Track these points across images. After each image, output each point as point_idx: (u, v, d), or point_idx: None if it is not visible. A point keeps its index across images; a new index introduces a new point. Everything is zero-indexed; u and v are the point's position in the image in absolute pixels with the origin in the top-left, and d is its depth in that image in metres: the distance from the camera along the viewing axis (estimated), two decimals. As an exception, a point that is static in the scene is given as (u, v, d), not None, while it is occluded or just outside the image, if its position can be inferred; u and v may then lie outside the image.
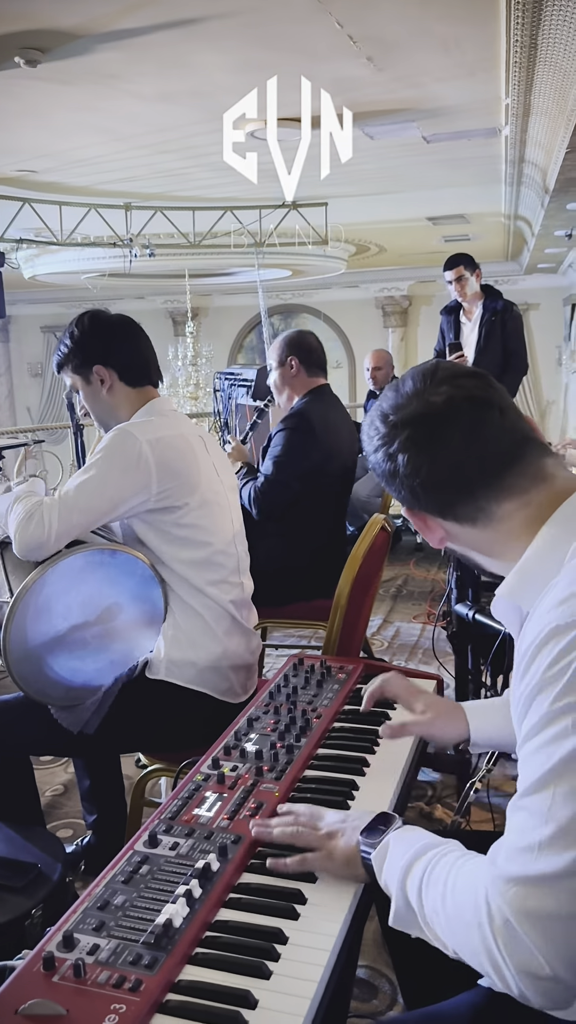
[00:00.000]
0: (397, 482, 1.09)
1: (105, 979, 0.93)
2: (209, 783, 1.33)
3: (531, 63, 3.26)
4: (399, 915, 1.05)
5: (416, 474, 1.06)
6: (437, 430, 1.05)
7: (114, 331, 2.04)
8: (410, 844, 1.08)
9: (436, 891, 1.00)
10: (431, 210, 6.94)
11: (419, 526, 1.15)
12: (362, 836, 1.13)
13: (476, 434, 1.04)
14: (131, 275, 7.57)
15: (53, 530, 1.82)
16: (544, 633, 0.95)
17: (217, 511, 2.03)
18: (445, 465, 1.05)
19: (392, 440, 1.07)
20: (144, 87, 3.79)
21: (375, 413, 1.11)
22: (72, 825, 2.66)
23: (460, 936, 0.97)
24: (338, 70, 3.54)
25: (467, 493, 1.06)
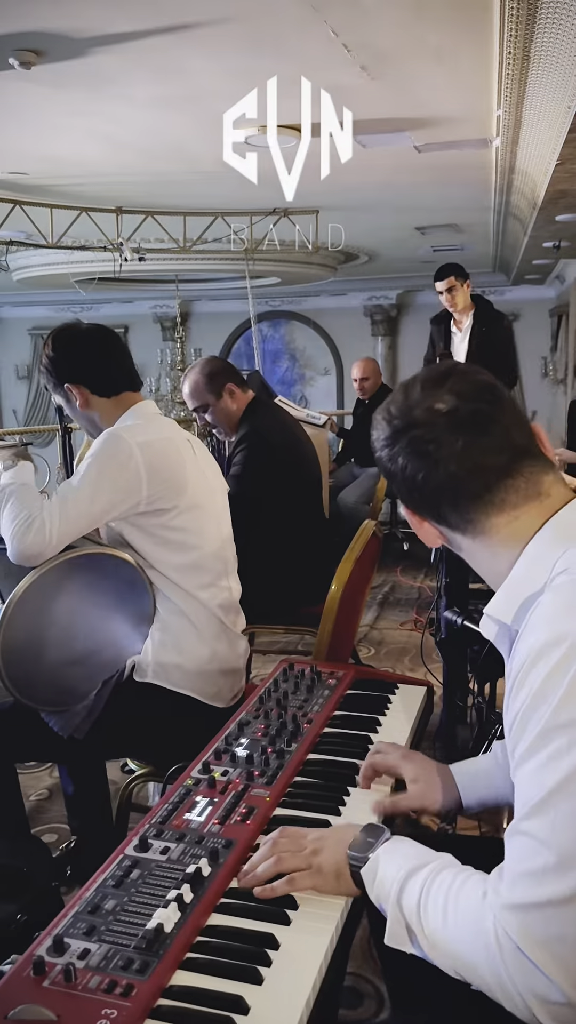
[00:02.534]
0: (397, 482, 1.12)
1: (96, 984, 0.93)
2: (200, 788, 1.33)
3: (523, 75, 3.28)
4: (394, 933, 1.04)
5: (413, 479, 1.08)
6: (435, 440, 1.06)
7: (79, 348, 2.05)
8: (403, 859, 1.07)
9: (436, 912, 0.99)
10: (420, 219, 6.97)
11: (414, 524, 1.16)
12: (350, 850, 1.12)
13: (472, 448, 1.05)
14: (120, 279, 7.56)
15: (53, 537, 1.82)
16: (534, 651, 0.95)
17: (205, 515, 2.03)
18: (440, 475, 1.06)
19: (394, 443, 1.09)
20: (138, 91, 3.79)
21: (383, 413, 1.12)
22: (57, 830, 2.64)
23: (465, 959, 0.96)
24: (332, 79, 3.55)
25: (457, 504, 1.08)
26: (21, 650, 1.85)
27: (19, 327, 12.36)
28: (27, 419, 12.24)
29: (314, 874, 1.12)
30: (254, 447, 2.98)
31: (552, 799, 0.90)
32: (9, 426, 11.94)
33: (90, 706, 1.91)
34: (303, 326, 11.94)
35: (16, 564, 1.85)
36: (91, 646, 1.95)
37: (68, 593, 1.91)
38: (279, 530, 2.97)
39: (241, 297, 8.27)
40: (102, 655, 1.97)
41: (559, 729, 0.91)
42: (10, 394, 12.73)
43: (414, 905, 1.01)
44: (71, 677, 1.93)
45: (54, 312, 11.89)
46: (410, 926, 1.02)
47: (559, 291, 10.04)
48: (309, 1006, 0.95)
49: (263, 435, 3.01)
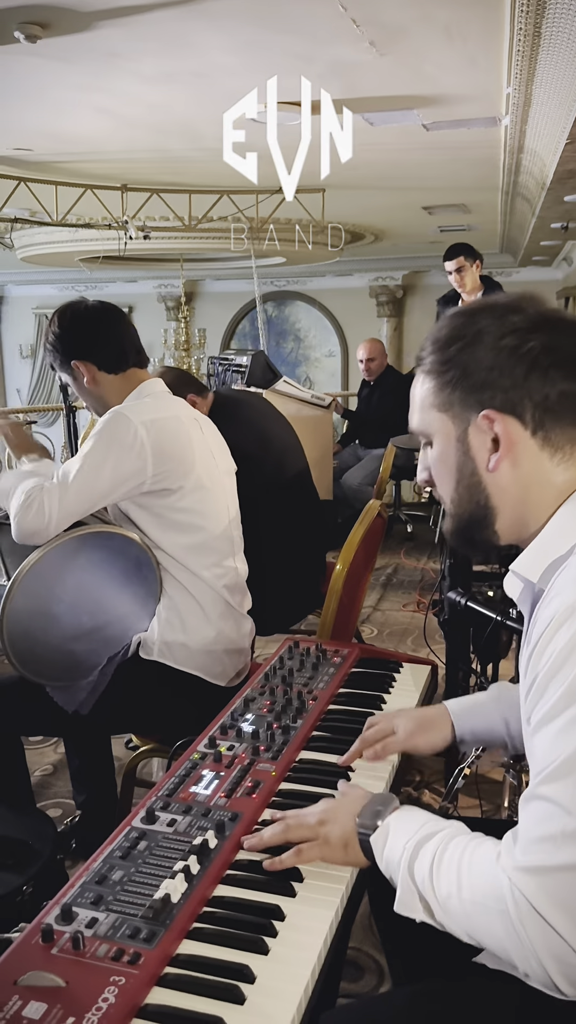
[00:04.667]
0: (522, 370, 1.02)
1: (104, 952, 0.94)
2: (206, 762, 1.34)
3: (534, 52, 3.24)
4: (404, 900, 1.03)
5: (562, 367, 1.01)
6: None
7: (86, 324, 2.04)
8: (413, 826, 1.06)
9: (449, 877, 0.98)
10: (427, 199, 6.91)
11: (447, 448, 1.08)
12: (358, 818, 1.11)
13: None
14: (125, 257, 7.52)
15: (52, 517, 1.82)
16: (559, 614, 0.94)
17: (212, 496, 2.02)
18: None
19: (535, 330, 1.03)
20: (144, 66, 3.75)
21: (512, 304, 1.06)
22: (61, 805, 2.66)
23: (479, 924, 0.95)
24: (340, 54, 3.51)
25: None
26: (26, 625, 1.86)
27: (23, 306, 12.32)
28: (31, 398, 12.22)
29: (322, 844, 1.11)
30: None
31: (573, 763, 0.89)
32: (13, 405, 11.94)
33: (94, 682, 1.93)
34: (308, 307, 11.88)
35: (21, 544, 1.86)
36: (97, 622, 1.96)
37: (75, 570, 1.92)
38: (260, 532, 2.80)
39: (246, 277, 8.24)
40: (107, 631, 1.98)
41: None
42: (14, 373, 12.72)
43: (426, 871, 1.00)
44: (76, 653, 1.95)
45: (58, 291, 11.84)
46: (422, 893, 1.01)
47: (567, 273, 9.97)
48: (314, 976, 0.96)
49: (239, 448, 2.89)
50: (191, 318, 9.00)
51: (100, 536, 1.94)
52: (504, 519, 1.07)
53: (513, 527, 1.08)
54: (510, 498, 1.06)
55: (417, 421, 1.12)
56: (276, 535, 2.82)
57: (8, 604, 1.82)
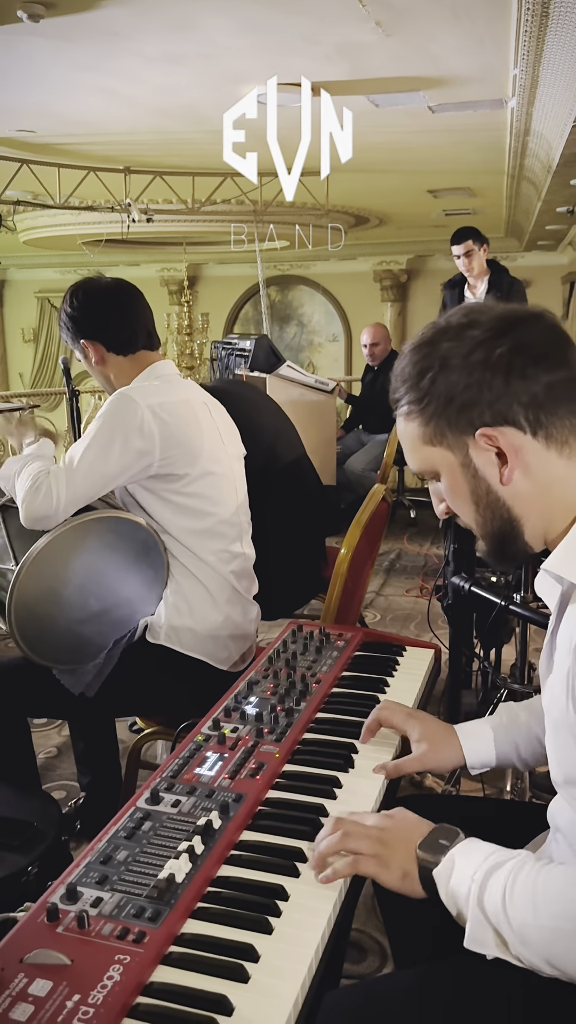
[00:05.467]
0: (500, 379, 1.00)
1: (109, 931, 0.94)
2: (210, 743, 1.34)
3: (542, 32, 3.21)
4: (474, 935, 0.98)
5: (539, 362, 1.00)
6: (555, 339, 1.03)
7: (98, 303, 2.02)
8: (480, 856, 1.01)
9: (524, 904, 0.94)
10: (432, 182, 6.87)
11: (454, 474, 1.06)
12: (420, 850, 1.06)
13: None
14: (128, 241, 7.49)
15: (61, 502, 1.81)
16: None
17: (221, 481, 2.01)
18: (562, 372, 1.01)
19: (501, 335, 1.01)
20: (148, 47, 3.72)
21: (473, 314, 1.05)
22: (66, 787, 2.67)
23: (562, 947, 0.92)
24: (346, 35, 3.49)
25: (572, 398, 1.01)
26: (34, 608, 1.86)
27: (26, 290, 12.29)
28: (33, 382, 12.21)
29: (380, 866, 1.06)
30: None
31: None
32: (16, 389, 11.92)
33: (101, 665, 1.93)
34: (312, 291, 11.84)
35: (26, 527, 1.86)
36: (104, 606, 1.97)
37: (82, 554, 1.91)
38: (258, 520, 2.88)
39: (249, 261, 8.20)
40: (114, 615, 1.98)
41: None
42: (17, 357, 12.70)
43: (498, 901, 0.96)
44: (83, 636, 1.95)
45: (61, 275, 11.80)
46: (495, 925, 0.96)
47: (572, 257, 9.92)
48: (318, 955, 0.97)
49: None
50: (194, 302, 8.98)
51: (108, 521, 1.93)
52: (532, 526, 1.06)
53: (542, 531, 1.06)
54: (533, 504, 1.04)
55: (416, 461, 1.10)
56: (275, 524, 2.81)
57: (16, 588, 1.82)
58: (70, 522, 1.85)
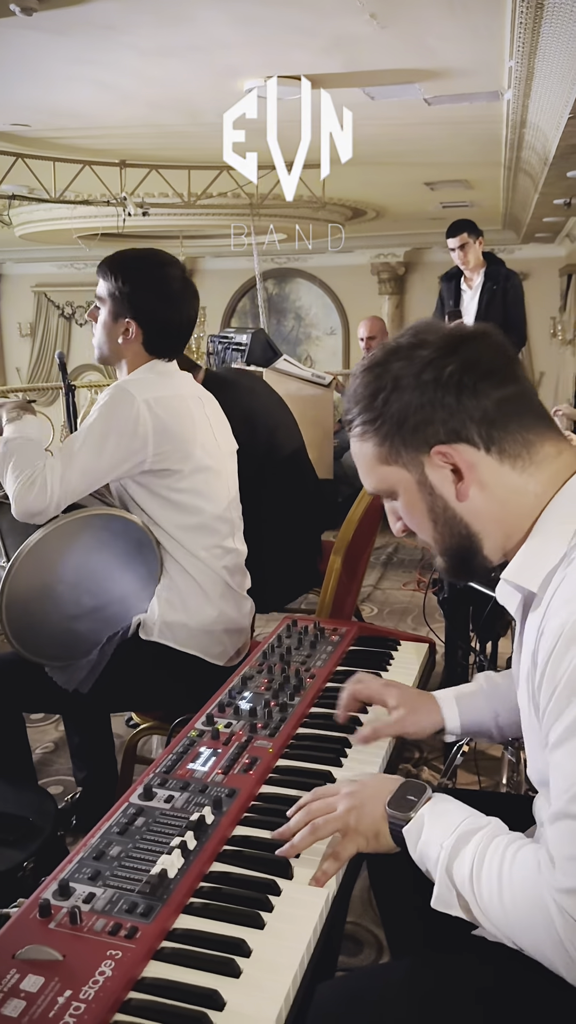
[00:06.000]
0: (451, 396, 1.02)
1: (101, 926, 0.94)
2: (203, 739, 1.35)
3: (537, 24, 3.19)
4: (442, 898, 1.01)
5: (488, 378, 1.03)
6: (500, 360, 1.06)
7: (168, 301, 1.96)
8: (450, 823, 1.03)
9: (491, 886, 0.97)
10: (429, 175, 6.85)
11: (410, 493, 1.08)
12: (389, 808, 1.08)
13: (527, 384, 1.07)
14: (124, 234, 7.47)
15: (55, 496, 1.81)
16: (570, 626, 0.92)
17: (214, 477, 2.01)
18: (510, 389, 1.04)
19: (450, 354, 1.04)
20: (142, 40, 3.70)
21: (421, 336, 1.07)
22: (63, 782, 2.68)
23: (524, 935, 0.94)
24: (341, 27, 3.47)
25: (522, 416, 1.04)
26: (26, 605, 1.86)
27: (22, 284, 12.25)
28: (31, 377, 12.18)
29: (355, 836, 1.08)
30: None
31: None
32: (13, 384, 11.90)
33: (94, 661, 1.93)
34: (309, 284, 11.81)
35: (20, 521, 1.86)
36: (97, 602, 1.97)
37: (75, 551, 1.91)
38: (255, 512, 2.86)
39: (246, 254, 8.17)
40: (107, 611, 1.98)
41: None
42: (14, 352, 12.66)
43: (467, 876, 0.98)
44: (76, 632, 1.95)
45: (57, 269, 11.77)
46: (462, 895, 0.99)
47: (569, 250, 9.90)
48: (310, 949, 0.97)
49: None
50: (191, 296, 8.93)
51: (101, 518, 1.93)
52: (490, 540, 1.07)
53: (501, 544, 1.08)
54: (489, 519, 1.06)
55: (372, 482, 1.12)
56: (271, 514, 2.81)
57: (8, 584, 1.82)
58: (63, 519, 1.85)
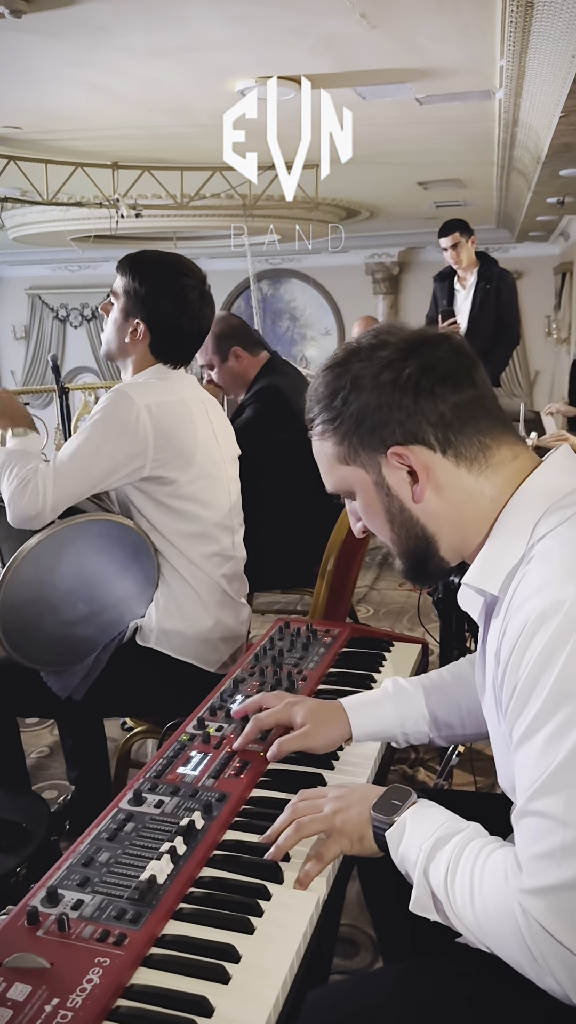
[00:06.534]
0: (409, 398, 1.03)
1: (89, 933, 0.94)
2: (194, 743, 1.34)
3: (527, 23, 3.19)
4: (420, 901, 1.02)
5: (445, 382, 1.03)
6: (459, 361, 1.06)
7: (182, 310, 1.94)
8: (430, 827, 1.04)
9: (463, 891, 0.97)
10: (422, 174, 6.85)
11: (368, 493, 1.09)
12: (374, 811, 1.09)
13: (486, 385, 1.08)
14: (117, 236, 7.46)
15: (49, 501, 1.79)
16: (530, 623, 0.92)
17: (214, 483, 1.99)
18: (465, 394, 1.04)
19: (407, 357, 1.04)
20: (134, 41, 3.69)
21: (381, 336, 1.08)
22: (57, 786, 2.67)
23: (494, 939, 0.94)
24: (331, 27, 3.46)
25: (478, 419, 1.04)
26: (21, 611, 1.85)
27: (16, 287, 12.23)
28: (25, 380, 12.17)
29: (339, 837, 1.09)
30: (267, 403, 2.93)
31: (563, 774, 0.88)
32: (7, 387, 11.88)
33: (89, 668, 1.92)
34: (304, 284, 11.80)
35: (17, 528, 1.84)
36: (93, 608, 1.95)
37: (71, 557, 1.90)
38: (280, 490, 2.93)
39: (241, 255, 8.16)
40: (103, 617, 1.97)
41: (564, 700, 0.88)
42: (8, 355, 12.64)
43: (442, 880, 0.99)
44: (72, 639, 1.94)
45: (51, 271, 11.75)
46: (437, 897, 1.00)
47: (564, 248, 9.91)
48: (300, 954, 0.97)
49: (280, 391, 2.94)
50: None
51: (98, 523, 1.92)
52: (446, 543, 1.08)
53: (457, 547, 1.08)
54: (446, 521, 1.07)
55: (331, 481, 1.13)
56: (295, 488, 2.89)
57: (3, 590, 1.81)
58: (59, 524, 1.84)
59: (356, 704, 1.38)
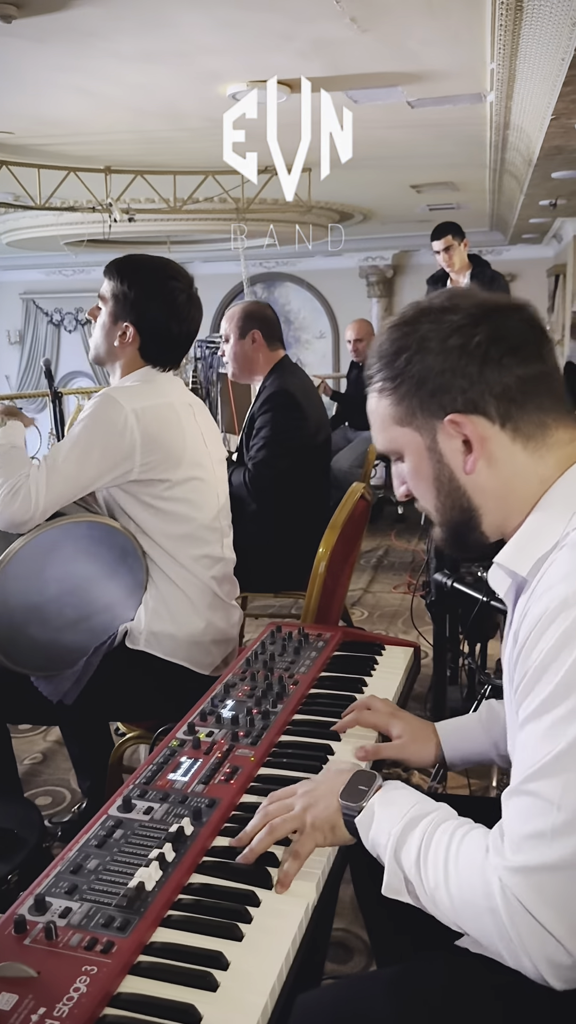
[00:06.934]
0: (475, 366, 1.01)
1: (77, 941, 0.93)
2: (184, 748, 1.34)
3: (517, 26, 3.20)
4: (391, 884, 1.02)
5: (514, 354, 1.01)
6: (533, 334, 1.04)
7: (170, 313, 1.96)
8: (399, 809, 1.05)
9: (437, 868, 0.97)
10: (415, 177, 6.86)
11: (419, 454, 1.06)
12: (342, 799, 1.10)
13: (554, 364, 1.07)
14: (111, 241, 7.46)
15: (40, 505, 1.79)
16: (551, 609, 0.92)
17: (203, 486, 1.99)
18: (533, 368, 1.03)
19: (479, 322, 1.02)
20: (124, 46, 3.70)
21: (456, 299, 1.06)
22: (52, 792, 2.66)
23: (468, 918, 0.94)
24: (321, 31, 3.47)
25: (547, 395, 1.03)
26: (9, 616, 1.85)
27: (10, 291, 12.23)
28: (20, 384, 12.16)
29: (312, 832, 1.09)
30: (281, 408, 2.97)
31: (564, 759, 0.88)
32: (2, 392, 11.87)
33: (79, 672, 1.91)
34: (298, 288, 11.82)
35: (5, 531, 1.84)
36: (82, 612, 1.95)
37: (59, 560, 1.89)
38: (292, 495, 2.97)
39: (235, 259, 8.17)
40: (93, 621, 1.96)
41: (572, 687, 0.88)
42: (2, 359, 12.63)
43: (413, 861, 0.99)
44: (61, 643, 1.93)
45: (46, 275, 11.75)
46: (409, 880, 1.00)
47: (557, 251, 9.93)
48: (289, 960, 0.96)
49: (293, 396, 3.00)
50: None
51: (84, 525, 1.92)
52: (489, 518, 1.06)
53: (499, 523, 1.07)
54: (492, 496, 1.05)
55: (383, 440, 1.11)
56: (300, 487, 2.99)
57: None
58: (44, 527, 1.83)
59: (448, 728, 1.40)
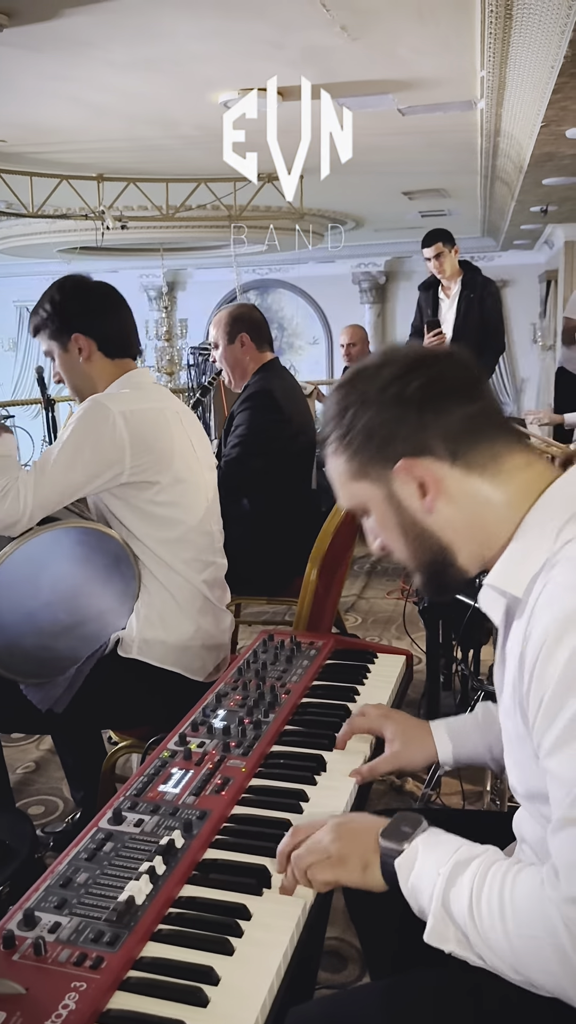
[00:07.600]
0: (414, 412, 1.03)
1: (66, 957, 0.92)
2: (176, 759, 1.33)
3: (506, 34, 3.21)
4: (437, 931, 0.96)
5: (451, 396, 1.04)
6: (460, 377, 1.07)
7: (97, 300, 1.98)
8: (446, 851, 1.00)
9: (492, 910, 0.92)
10: (406, 184, 6.88)
11: (383, 508, 1.08)
12: (382, 839, 1.05)
13: (493, 400, 1.09)
14: (104, 248, 7.46)
15: (28, 508, 1.79)
16: (554, 629, 0.91)
17: (192, 489, 1.99)
18: (473, 407, 1.04)
19: (411, 372, 1.05)
20: (116, 55, 3.70)
21: (387, 354, 1.10)
22: (45, 802, 2.65)
23: (530, 959, 0.90)
24: (311, 39, 3.48)
25: (481, 431, 1.04)
26: (0, 623, 1.84)
27: (4, 298, 12.22)
28: (14, 391, 12.14)
29: (335, 864, 1.05)
30: (260, 408, 2.97)
31: None
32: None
33: (70, 680, 1.91)
34: (291, 294, 11.83)
35: None
36: (74, 619, 1.94)
37: (51, 567, 1.89)
38: (272, 497, 2.97)
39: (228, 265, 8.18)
40: (85, 628, 1.95)
41: None
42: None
43: (465, 904, 0.94)
44: (52, 650, 1.92)
45: (39, 283, 11.67)
46: (460, 926, 0.94)
47: (549, 256, 9.96)
48: (280, 974, 0.95)
49: (274, 397, 2.99)
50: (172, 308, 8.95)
51: (76, 532, 1.91)
52: (464, 551, 1.07)
53: (476, 554, 1.07)
54: (462, 529, 1.06)
55: (345, 497, 1.13)
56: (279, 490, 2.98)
57: None
58: (36, 532, 1.83)
59: (444, 728, 1.39)
